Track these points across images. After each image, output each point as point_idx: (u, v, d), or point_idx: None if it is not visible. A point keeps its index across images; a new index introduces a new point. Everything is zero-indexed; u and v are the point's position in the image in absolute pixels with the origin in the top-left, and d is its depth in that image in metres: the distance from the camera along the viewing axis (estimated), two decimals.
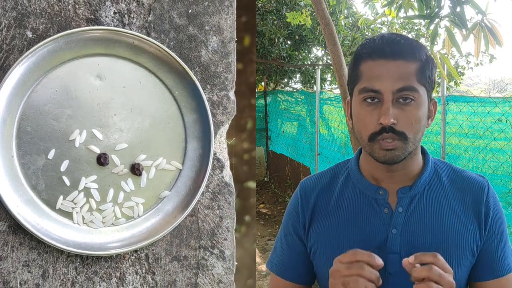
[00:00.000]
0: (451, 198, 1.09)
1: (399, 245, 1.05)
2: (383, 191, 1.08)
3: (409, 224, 1.06)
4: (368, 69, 1.02)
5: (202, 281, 0.95)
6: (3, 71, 0.85)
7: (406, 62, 0.99)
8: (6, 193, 0.85)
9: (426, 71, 1.01)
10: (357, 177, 1.13)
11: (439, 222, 1.06)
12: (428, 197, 1.08)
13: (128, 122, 0.91)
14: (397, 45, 1.00)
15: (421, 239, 1.05)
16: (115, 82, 0.90)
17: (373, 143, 1.01)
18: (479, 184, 1.10)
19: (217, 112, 0.96)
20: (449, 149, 4.23)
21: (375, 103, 1.00)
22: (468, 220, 1.07)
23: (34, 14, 0.86)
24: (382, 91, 0.99)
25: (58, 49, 0.86)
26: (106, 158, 0.89)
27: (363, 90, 1.01)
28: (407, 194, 1.07)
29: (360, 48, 1.06)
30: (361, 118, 1.03)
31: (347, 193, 1.13)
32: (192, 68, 0.94)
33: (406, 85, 0.98)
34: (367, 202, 1.10)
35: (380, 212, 1.07)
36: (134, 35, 0.88)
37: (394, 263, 1.04)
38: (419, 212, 1.07)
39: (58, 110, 0.88)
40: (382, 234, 1.06)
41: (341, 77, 3.99)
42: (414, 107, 1.00)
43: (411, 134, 1.00)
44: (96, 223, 0.90)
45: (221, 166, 0.96)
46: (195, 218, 0.95)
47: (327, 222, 1.12)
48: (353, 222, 1.09)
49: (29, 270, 0.88)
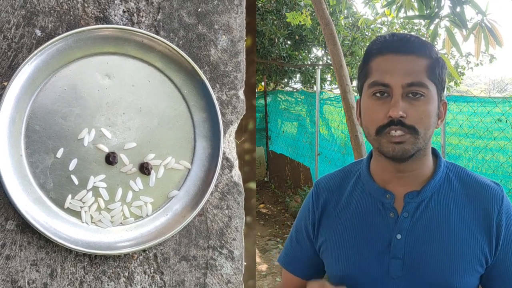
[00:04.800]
0: (461, 205, 1.05)
1: (403, 251, 1.03)
2: (390, 194, 1.07)
3: (414, 230, 1.04)
4: (378, 64, 1.01)
5: (211, 281, 0.95)
6: (12, 70, 0.84)
7: (416, 57, 0.99)
8: (15, 192, 0.84)
9: (436, 69, 1.00)
10: (366, 179, 1.11)
11: (446, 229, 1.03)
12: (437, 203, 1.05)
13: (137, 121, 0.90)
14: (408, 41, 1.00)
15: (426, 245, 1.03)
16: (124, 80, 0.89)
17: (381, 137, 0.99)
18: (493, 192, 1.06)
19: (226, 111, 0.95)
20: (449, 149, 4.23)
21: (384, 98, 0.99)
22: (477, 229, 1.03)
23: (43, 13, 0.86)
24: (392, 85, 0.98)
25: (67, 48, 0.85)
26: (115, 157, 0.89)
27: (373, 84, 1.00)
28: (414, 199, 1.05)
29: (370, 45, 1.05)
30: (369, 112, 1.01)
31: (356, 194, 1.12)
32: (202, 67, 0.93)
33: (416, 80, 0.97)
34: (374, 205, 1.08)
35: (386, 216, 1.06)
36: (143, 33, 0.88)
37: (397, 268, 1.03)
38: (426, 218, 1.04)
39: (67, 108, 0.87)
40: (386, 238, 1.05)
41: (341, 77, 3.99)
42: (424, 102, 0.98)
43: (421, 129, 0.98)
44: (104, 222, 0.90)
45: (230, 166, 0.96)
46: (204, 217, 0.95)
47: (335, 222, 1.12)
48: (359, 224, 1.08)
49: (37, 269, 0.88)
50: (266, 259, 5.03)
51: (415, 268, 1.02)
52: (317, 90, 6.11)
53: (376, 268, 1.04)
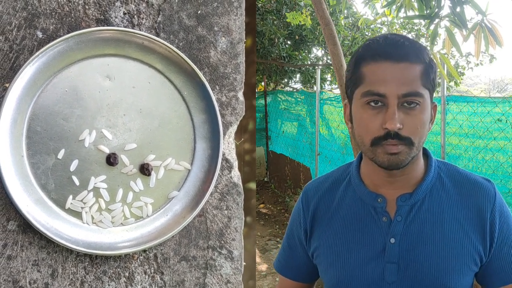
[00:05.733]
0: (453, 204, 1.05)
1: (397, 255, 1.02)
2: (382, 198, 1.05)
3: (408, 233, 1.03)
4: (371, 71, 0.98)
5: (211, 281, 0.96)
6: (13, 72, 0.85)
7: (410, 64, 0.96)
8: (16, 193, 0.85)
9: (430, 74, 0.98)
10: (357, 184, 1.10)
11: (439, 230, 1.03)
12: (429, 204, 1.05)
13: (137, 122, 0.91)
14: (401, 47, 0.97)
15: (421, 248, 1.02)
16: (125, 82, 0.90)
17: (376, 148, 0.97)
18: (485, 190, 1.05)
19: (226, 112, 0.96)
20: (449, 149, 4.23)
21: (379, 107, 0.96)
22: (471, 228, 1.03)
23: (44, 15, 0.87)
24: (387, 95, 0.95)
25: (68, 50, 0.86)
26: (116, 158, 0.90)
27: (367, 93, 0.97)
28: (407, 202, 1.04)
29: (361, 49, 1.01)
30: (364, 122, 0.99)
31: (347, 199, 1.10)
32: (201, 69, 0.94)
33: (411, 91, 0.95)
34: (366, 209, 1.07)
35: (379, 221, 1.05)
36: (144, 35, 0.89)
37: (392, 273, 1.02)
38: (419, 220, 1.04)
39: (68, 110, 0.88)
40: (380, 243, 1.04)
41: (341, 77, 4.00)
42: (419, 111, 0.97)
43: (416, 139, 0.97)
44: (105, 222, 0.91)
45: (229, 167, 0.97)
46: (203, 218, 0.96)
47: (327, 228, 1.11)
48: (352, 230, 1.07)
49: (39, 270, 0.88)
50: (266, 259, 5.04)
51: (410, 272, 1.02)
52: (317, 90, 6.11)
53: (371, 273, 1.04)
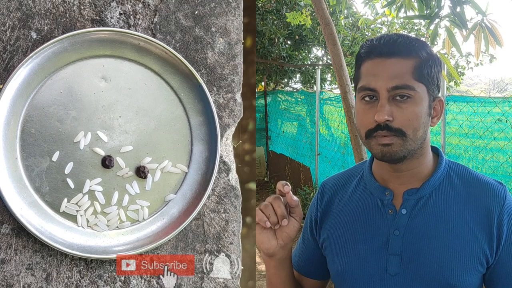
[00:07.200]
0: (461, 202, 1.05)
1: (400, 247, 1.04)
2: (389, 192, 1.08)
3: (412, 226, 1.04)
4: (366, 68, 1.04)
5: (208, 286, 0.94)
6: (7, 72, 0.84)
7: (401, 59, 1.00)
8: (10, 196, 0.84)
9: (424, 68, 1.01)
10: (368, 178, 1.14)
11: (444, 226, 1.03)
12: (436, 200, 1.06)
13: (133, 124, 0.90)
14: (393, 44, 1.01)
15: (424, 242, 1.03)
16: (120, 83, 0.89)
17: (370, 140, 1.02)
18: (495, 191, 1.05)
19: (223, 114, 0.95)
20: (449, 149, 4.22)
21: (372, 101, 1.01)
22: (477, 227, 1.03)
23: (39, 15, 0.85)
24: (378, 89, 1.00)
25: (63, 50, 0.85)
26: (111, 161, 0.88)
27: (361, 88, 1.03)
28: (413, 196, 1.06)
29: (360, 49, 1.07)
30: (360, 116, 1.05)
31: (358, 193, 1.14)
32: (198, 70, 0.93)
33: (400, 84, 0.99)
34: (374, 202, 1.10)
35: (385, 213, 1.07)
36: (140, 36, 0.87)
37: (395, 265, 1.03)
38: (424, 214, 1.05)
39: (63, 111, 0.87)
40: (385, 234, 1.06)
41: (341, 77, 3.98)
42: (411, 104, 0.99)
43: (409, 131, 0.99)
44: (100, 226, 0.89)
45: (227, 169, 0.95)
46: (200, 221, 0.94)
47: (337, 220, 1.14)
48: (359, 221, 1.10)
49: (33, 274, 0.87)
50: None
51: (412, 264, 1.02)
52: (317, 90, 6.11)
53: (374, 264, 1.05)
